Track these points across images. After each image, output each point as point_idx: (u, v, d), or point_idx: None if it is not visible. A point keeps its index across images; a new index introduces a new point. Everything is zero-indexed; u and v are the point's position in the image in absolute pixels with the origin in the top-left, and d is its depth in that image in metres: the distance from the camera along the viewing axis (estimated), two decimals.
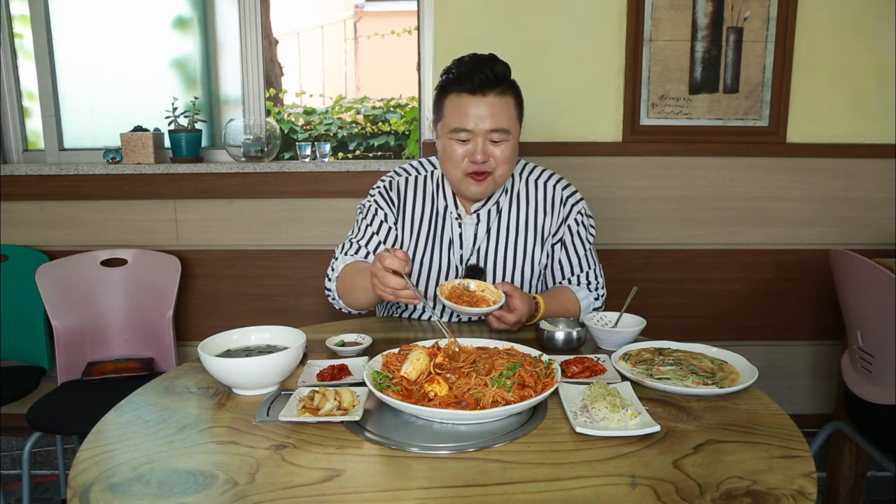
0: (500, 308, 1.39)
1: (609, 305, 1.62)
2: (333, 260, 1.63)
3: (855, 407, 1.82)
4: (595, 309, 1.62)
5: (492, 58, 1.50)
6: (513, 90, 1.52)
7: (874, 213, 2.29)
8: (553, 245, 1.64)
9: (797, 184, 2.27)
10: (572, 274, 1.64)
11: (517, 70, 1.53)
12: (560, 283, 1.65)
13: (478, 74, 1.46)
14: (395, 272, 1.25)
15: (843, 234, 2.31)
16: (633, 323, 1.39)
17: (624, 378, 1.16)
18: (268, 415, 1.05)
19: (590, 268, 1.64)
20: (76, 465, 0.91)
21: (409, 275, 1.26)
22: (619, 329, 1.38)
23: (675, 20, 2.17)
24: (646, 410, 1.02)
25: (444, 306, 1.64)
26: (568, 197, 1.65)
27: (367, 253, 1.61)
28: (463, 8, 2.17)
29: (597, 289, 1.64)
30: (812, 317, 2.37)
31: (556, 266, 1.64)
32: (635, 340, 1.36)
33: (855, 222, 2.30)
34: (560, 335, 1.35)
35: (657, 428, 0.97)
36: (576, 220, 1.64)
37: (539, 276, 1.65)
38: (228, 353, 1.21)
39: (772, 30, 2.16)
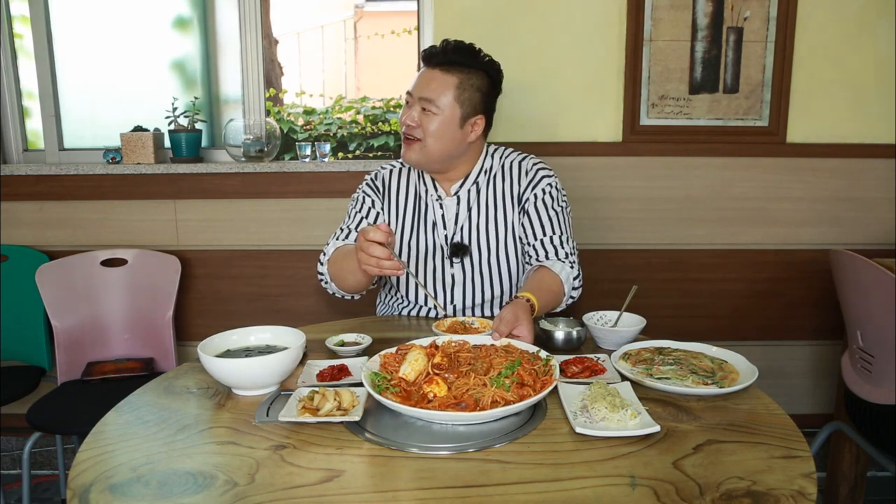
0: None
1: (609, 305, 1.62)
2: (325, 246, 1.69)
3: (855, 407, 1.82)
4: (575, 279, 1.57)
5: (458, 42, 1.58)
6: (464, 74, 1.56)
7: (874, 213, 2.29)
8: (522, 208, 1.64)
9: (797, 184, 2.27)
10: (535, 238, 1.61)
11: (517, 70, 1.53)
12: (526, 251, 1.63)
13: (435, 50, 1.57)
14: (379, 243, 1.29)
15: (843, 234, 2.30)
16: (632, 322, 1.39)
17: (624, 378, 1.16)
18: (267, 415, 1.05)
19: (553, 232, 1.61)
20: (76, 466, 0.91)
21: (392, 247, 1.30)
22: (618, 328, 1.38)
23: (675, 20, 2.17)
24: (646, 410, 1.02)
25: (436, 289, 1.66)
26: (539, 170, 1.66)
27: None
28: (463, 8, 2.17)
29: (567, 256, 1.59)
30: (812, 317, 2.36)
31: (523, 231, 1.63)
32: (635, 340, 1.36)
33: (855, 222, 2.30)
34: (560, 335, 1.35)
35: (657, 428, 0.96)
36: (543, 189, 1.63)
37: (524, 251, 1.66)
38: (228, 354, 1.21)
39: (772, 30, 2.16)
